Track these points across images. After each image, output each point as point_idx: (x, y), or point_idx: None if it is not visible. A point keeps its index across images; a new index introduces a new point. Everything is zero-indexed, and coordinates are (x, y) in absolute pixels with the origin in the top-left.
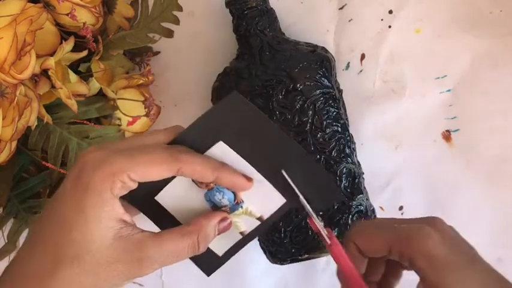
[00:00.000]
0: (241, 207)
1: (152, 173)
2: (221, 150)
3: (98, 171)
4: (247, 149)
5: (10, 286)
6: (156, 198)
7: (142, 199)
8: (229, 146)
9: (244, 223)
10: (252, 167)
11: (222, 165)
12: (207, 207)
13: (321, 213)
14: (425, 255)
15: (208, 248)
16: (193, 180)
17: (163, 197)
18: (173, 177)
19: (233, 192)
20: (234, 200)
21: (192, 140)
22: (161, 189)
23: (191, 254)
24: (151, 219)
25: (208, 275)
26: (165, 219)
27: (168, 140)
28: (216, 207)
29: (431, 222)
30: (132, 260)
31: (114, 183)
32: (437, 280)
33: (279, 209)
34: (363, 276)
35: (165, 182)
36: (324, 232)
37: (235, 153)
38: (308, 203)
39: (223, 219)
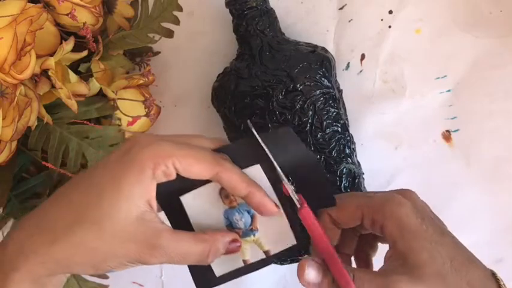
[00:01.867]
0: (254, 235)
1: (194, 168)
2: (255, 173)
3: (147, 149)
4: (279, 180)
5: (24, 234)
6: (181, 197)
7: (168, 194)
8: (264, 172)
9: (250, 252)
10: (278, 200)
11: (256, 184)
12: (222, 225)
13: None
14: (396, 222)
15: (209, 265)
16: (220, 195)
17: (187, 199)
18: (205, 182)
19: (251, 218)
20: (250, 226)
21: (233, 155)
22: (188, 191)
23: (197, 262)
24: (166, 215)
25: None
26: (180, 220)
27: (213, 147)
28: (230, 227)
29: (406, 194)
30: (146, 244)
31: (158, 165)
32: (406, 247)
33: (288, 249)
34: (336, 248)
35: (195, 185)
36: (294, 196)
37: (267, 180)
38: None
39: (234, 240)
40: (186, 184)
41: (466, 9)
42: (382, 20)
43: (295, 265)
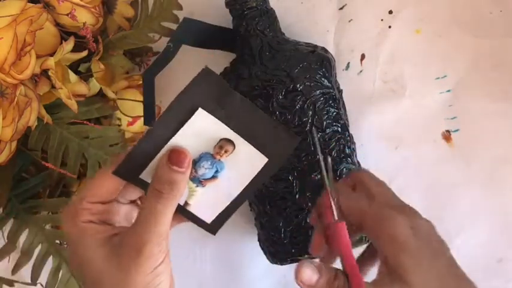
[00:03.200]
0: (197, 187)
1: (103, 190)
2: (201, 118)
3: (64, 215)
4: (224, 114)
5: None
6: (140, 177)
7: (131, 177)
8: (208, 112)
9: (227, 185)
10: (231, 130)
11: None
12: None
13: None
14: (389, 239)
15: (196, 216)
16: (216, 144)
17: (148, 175)
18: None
19: (211, 177)
20: (203, 178)
21: (172, 117)
22: (144, 168)
23: (166, 206)
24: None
25: (214, 233)
26: (143, 186)
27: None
28: (193, 164)
29: (405, 211)
30: (127, 252)
31: (78, 213)
32: (397, 263)
33: (263, 169)
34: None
35: (148, 159)
36: (335, 209)
37: (214, 117)
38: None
39: (171, 153)
40: (139, 164)
41: (466, 9)
42: (382, 20)
43: (295, 265)
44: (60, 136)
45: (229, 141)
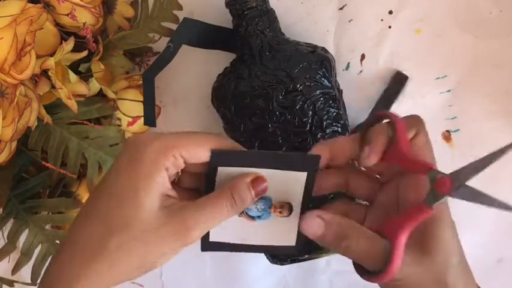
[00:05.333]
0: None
1: (199, 154)
2: (223, 172)
3: (152, 144)
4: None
5: (65, 254)
6: (218, 167)
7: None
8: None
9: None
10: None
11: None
12: None
13: None
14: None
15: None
16: None
17: (222, 171)
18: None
19: (268, 207)
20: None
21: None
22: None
23: (231, 211)
24: (205, 180)
25: (202, 250)
26: (209, 188)
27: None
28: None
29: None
30: (176, 222)
31: (166, 156)
32: (434, 232)
33: (283, 247)
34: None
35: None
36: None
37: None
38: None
39: (256, 179)
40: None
41: (466, 9)
42: (382, 20)
43: (295, 265)
44: (60, 136)
45: (289, 206)
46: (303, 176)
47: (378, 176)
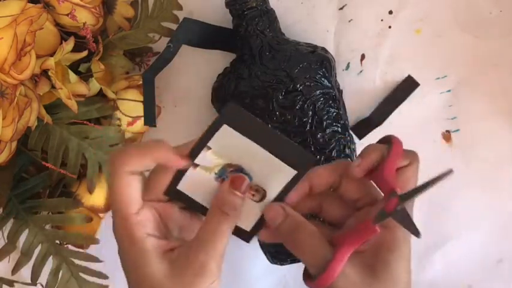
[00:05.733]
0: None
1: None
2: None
3: (116, 228)
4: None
5: None
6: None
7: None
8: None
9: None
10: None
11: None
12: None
13: None
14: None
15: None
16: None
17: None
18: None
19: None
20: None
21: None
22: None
23: (228, 221)
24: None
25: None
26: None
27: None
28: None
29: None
30: (191, 270)
31: (132, 226)
32: (387, 260)
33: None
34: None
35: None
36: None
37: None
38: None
39: (233, 180)
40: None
41: (466, 9)
42: (382, 20)
43: (295, 265)
44: (60, 136)
45: (263, 193)
46: (291, 172)
47: (355, 200)
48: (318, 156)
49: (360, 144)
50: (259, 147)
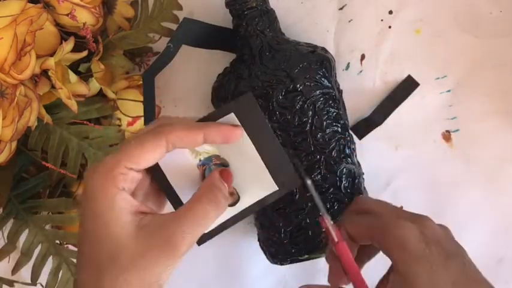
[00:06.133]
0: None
1: (144, 156)
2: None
3: (95, 175)
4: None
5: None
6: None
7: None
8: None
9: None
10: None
11: (205, 123)
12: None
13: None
14: (399, 245)
15: None
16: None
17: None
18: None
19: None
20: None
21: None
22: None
23: (216, 210)
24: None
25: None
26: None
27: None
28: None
29: (417, 219)
30: (161, 241)
31: (115, 177)
32: (407, 270)
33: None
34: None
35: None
36: (332, 230)
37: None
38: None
39: (221, 171)
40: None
41: (466, 9)
42: (382, 20)
43: (295, 265)
44: (60, 136)
45: (237, 197)
46: (272, 187)
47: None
48: (318, 156)
49: (360, 145)
50: (254, 149)
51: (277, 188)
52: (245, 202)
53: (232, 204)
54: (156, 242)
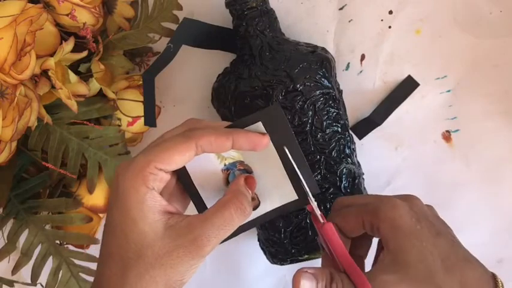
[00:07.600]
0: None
1: (174, 158)
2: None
3: (127, 173)
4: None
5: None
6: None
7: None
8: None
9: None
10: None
11: (234, 130)
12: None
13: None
14: (389, 223)
15: None
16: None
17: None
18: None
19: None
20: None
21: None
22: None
23: (241, 217)
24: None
25: None
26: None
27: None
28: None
29: (406, 198)
30: (187, 242)
31: (145, 177)
32: (397, 246)
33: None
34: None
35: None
36: (317, 211)
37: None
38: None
39: (246, 177)
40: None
41: (466, 9)
42: (382, 20)
43: (295, 265)
44: (60, 136)
45: (258, 201)
46: (292, 196)
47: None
48: (318, 156)
49: (360, 145)
50: (277, 158)
51: (297, 197)
52: (264, 208)
53: (253, 209)
54: (182, 242)
